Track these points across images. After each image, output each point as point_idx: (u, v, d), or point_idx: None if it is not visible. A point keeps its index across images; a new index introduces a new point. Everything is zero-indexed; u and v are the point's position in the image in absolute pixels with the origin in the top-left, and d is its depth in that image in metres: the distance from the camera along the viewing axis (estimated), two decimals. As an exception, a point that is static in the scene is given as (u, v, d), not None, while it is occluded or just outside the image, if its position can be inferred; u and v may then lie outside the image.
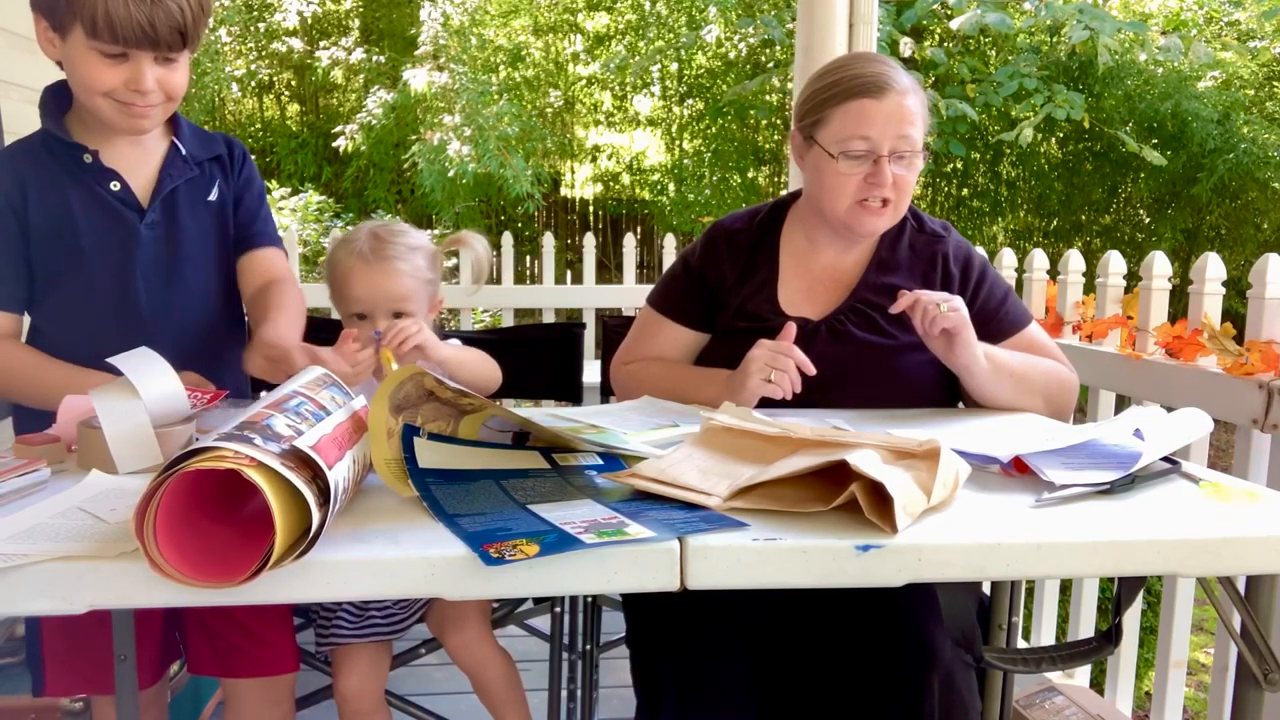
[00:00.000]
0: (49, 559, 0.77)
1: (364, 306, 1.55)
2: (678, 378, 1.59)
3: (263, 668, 1.45)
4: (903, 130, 1.46)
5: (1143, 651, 2.51)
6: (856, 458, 0.90)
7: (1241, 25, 8.37)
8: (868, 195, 1.49)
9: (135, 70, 1.30)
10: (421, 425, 1.00)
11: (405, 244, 1.58)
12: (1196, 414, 1.22)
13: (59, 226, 1.39)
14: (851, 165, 1.48)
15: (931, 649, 1.27)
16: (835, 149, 1.48)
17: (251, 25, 8.82)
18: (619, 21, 9.15)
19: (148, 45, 1.29)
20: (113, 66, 1.30)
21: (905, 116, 1.46)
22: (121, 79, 1.31)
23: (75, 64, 1.31)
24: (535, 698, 1.63)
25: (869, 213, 1.51)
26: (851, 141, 1.47)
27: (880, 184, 1.47)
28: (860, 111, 1.46)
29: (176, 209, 1.47)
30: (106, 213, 1.41)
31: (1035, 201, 8.19)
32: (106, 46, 1.28)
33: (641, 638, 1.42)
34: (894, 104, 1.46)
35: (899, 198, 1.50)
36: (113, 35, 1.26)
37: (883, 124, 1.45)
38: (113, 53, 1.29)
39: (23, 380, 1.39)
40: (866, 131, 1.46)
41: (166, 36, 1.29)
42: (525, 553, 0.79)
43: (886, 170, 1.46)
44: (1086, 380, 2.19)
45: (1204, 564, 0.90)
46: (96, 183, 1.41)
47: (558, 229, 9.15)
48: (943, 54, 6.88)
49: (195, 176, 1.49)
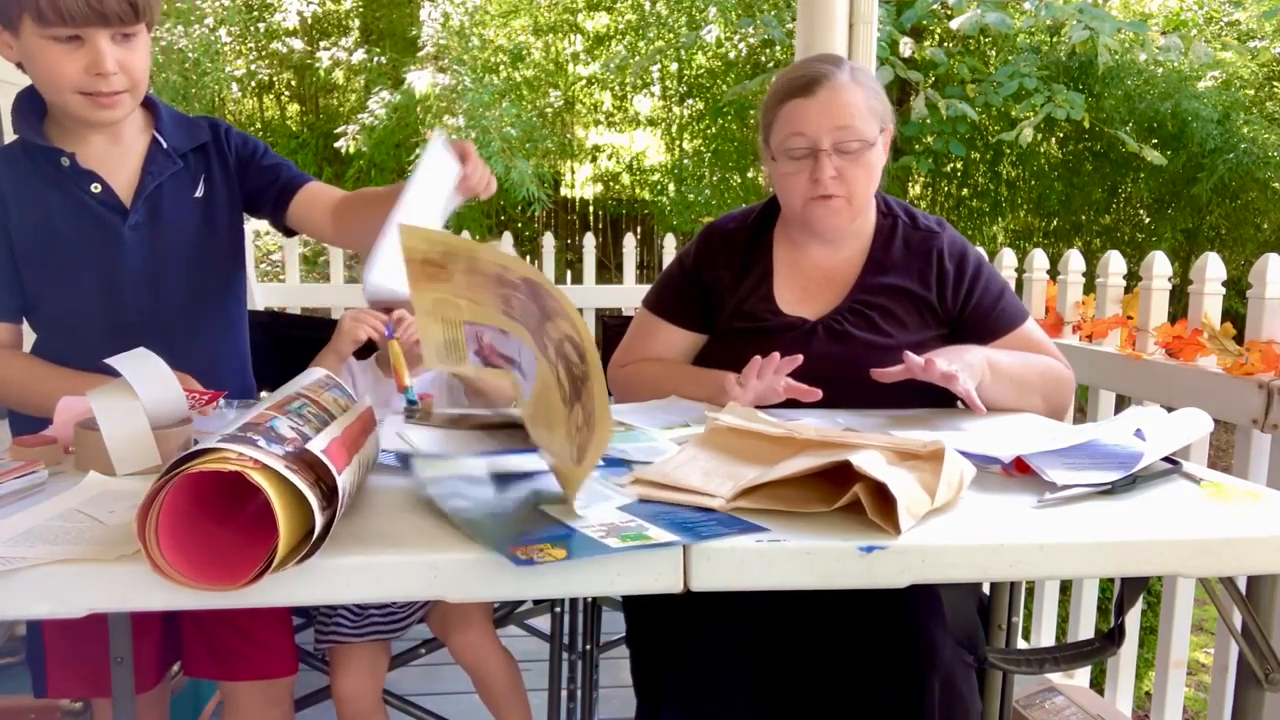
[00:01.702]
0: (47, 562, 0.77)
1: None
2: (676, 378, 1.59)
3: (260, 670, 1.44)
4: (839, 122, 1.47)
5: (1143, 651, 2.51)
6: (860, 458, 0.89)
7: (1241, 25, 8.37)
8: (815, 192, 1.50)
9: (93, 53, 1.27)
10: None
11: None
12: (1196, 414, 1.22)
13: (41, 234, 1.37)
14: (794, 165, 1.50)
15: (932, 649, 1.27)
16: (778, 151, 1.51)
17: (251, 25, 8.81)
18: (619, 21, 9.14)
19: (98, 21, 1.25)
20: (70, 53, 1.27)
21: (839, 109, 1.47)
22: (81, 65, 1.27)
23: (34, 59, 1.28)
24: (535, 698, 1.63)
25: (821, 207, 1.51)
26: (789, 140, 1.49)
27: (820, 178, 1.48)
28: (794, 111, 1.49)
29: (161, 208, 1.43)
30: (88, 217, 1.38)
31: (1035, 201, 8.18)
32: (58, 31, 1.25)
33: (641, 638, 1.42)
34: (825, 99, 1.47)
35: (851, 191, 1.50)
36: (60, 17, 1.23)
37: (815, 119, 1.47)
38: (65, 36, 1.25)
39: (20, 389, 1.38)
40: (801, 129, 1.48)
41: (116, 8, 1.26)
42: (554, 556, 0.79)
43: (825, 164, 1.47)
44: (1086, 380, 2.19)
45: (1205, 564, 0.90)
46: (76, 186, 1.38)
47: (558, 229, 9.14)
48: (943, 54, 6.87)
49: (179, 171, 1.45)
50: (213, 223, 1.48)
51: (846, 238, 1.60)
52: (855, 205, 1.53)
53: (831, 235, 1.58)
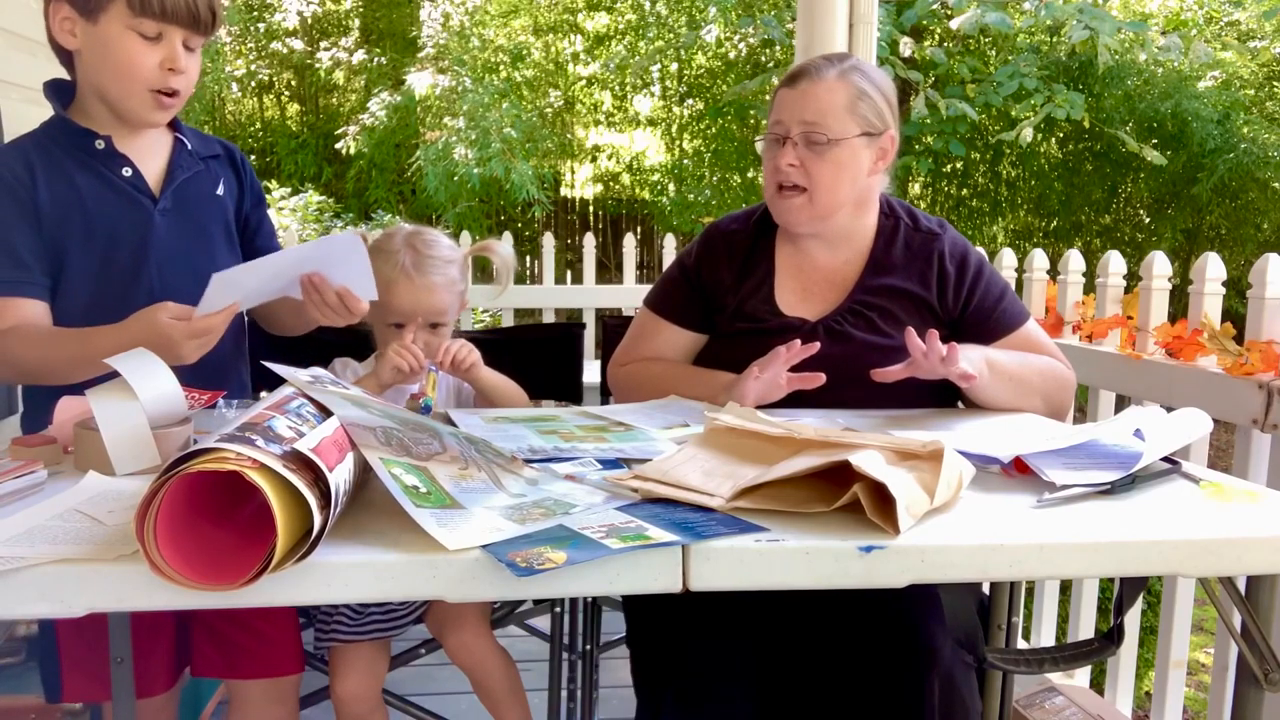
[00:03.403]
0: (47, 561, 0.77)
1: (404, 318, 1.61)
2: (676, 378, 1.59)
3: (268, 668, 1.45)
4: (808, 115, 1.49)
5: (1143, 651, 2.51)
6: (859, 458, 0.89)
7: (1241, 25, 8.37)
8: (778, 180, 1.52)
9: (169, 49, 1.33)
10: None
11: (443, 258, 1.64)
12: (1196, 414, 1.22)
13: (69, 211, 1.39)
14: (768, 153, 1.54)
15: (932, 649, 1.26)
16: (763, 138, 1.56)
17: (251, 25, 8.81)
18: (619, 21, 9.14)
19: (187, 23, 1.33)
20: (149, 48, 1.32)
21: (812, 101, 1.49)
22: (157, 60, 1.33)
23: (110, 47, 1.32)
24: (535, 698, 1.63)
25: (783, 200, 1.53)
26: (770, 128, 1.54)
27: (778, 164, 1.50)
28: (777, 100, 1.54)
29: (187, 199, 1.48)
30: (120, 197, 1.42)
31: (1035, 201, 8.18)
32: (149, 24, 1.30)
33: (642, 638, 1.42)
34: (803, 90, 1.50)
35: (814, 186, 1.51)
36: (160, 11, 1.29)
37: (790, 108, 1.50)
38: (152, 33, 1.31)
39: (38, 363, 1.34)
40: (779, 116, 1.52)
41: (205, 15, 1.34)
42: (554, 561, 0.78)
43: (788, 151, 1.50)
44: (1086, 380, 2.19)
45: (1205, 564, 0.90)
46: (107, 168, 1.41)
47: (558, 229, 9.14)
48: (943, 54, 6.86)
49: (201, 171, 1.51)
50: (227, 222, 1.55)
51: (847, 237, 1.60)
52: (817, 204, 1.52)
53: (792, 229, 1.59)
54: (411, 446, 0.94)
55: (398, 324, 1.60)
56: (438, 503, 0.87)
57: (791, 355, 1.40)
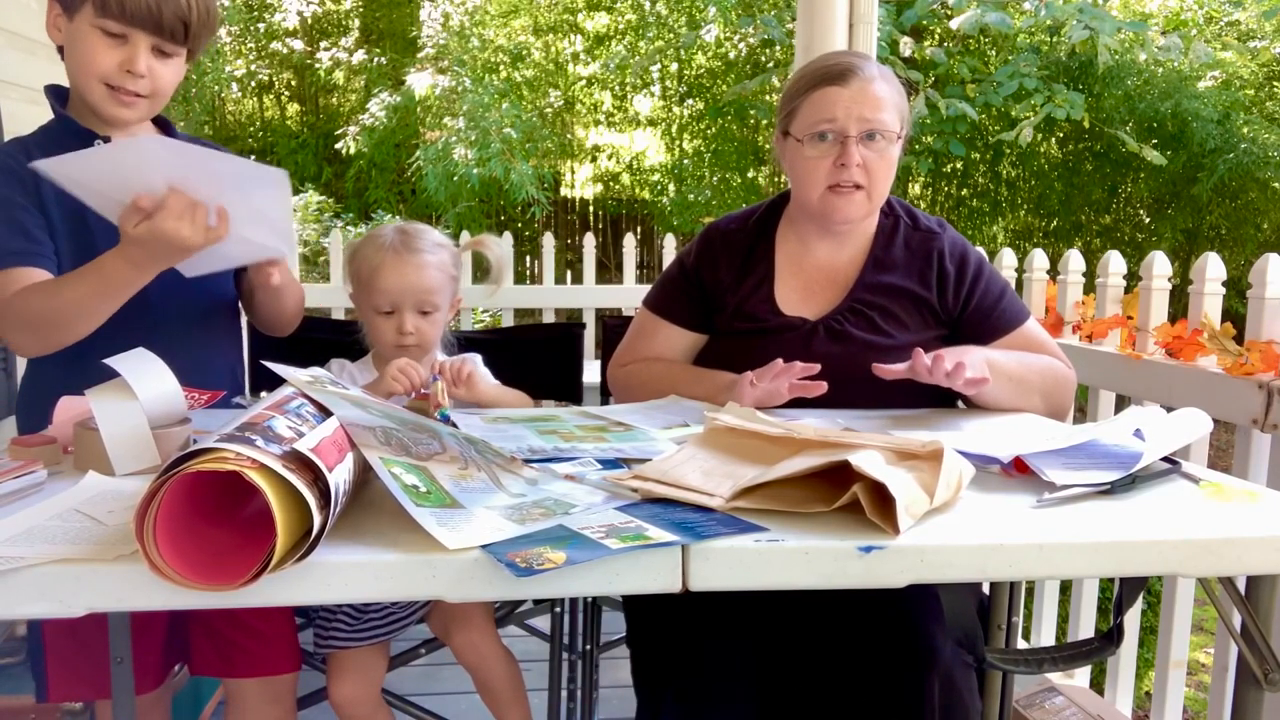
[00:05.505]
0: (46, 561, 0.77)
1: (392, 299, 1.57)
2: (676, 378, 1.59)
3: (265, 667, 1.45)
4: (868, 112, 1.47)
5: (1143, 651, 2.51)
6: (859, 458, 0.89)
7: (1241, 25, 8.37)
8: (839, 179, 1.50)
9: (131, 52, 1.34)
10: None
11: (431, 240, 1.62)
12: (1196, 414, 1.22)
13: (69, 207, 1.38)
14: (820, 149, 1.50)
15: (932, 649, 1.27)
16: (804, 135, 1.51)
17: (251, 25, 8.81)
18: (619, 21, 9.14)
19: (151, 28, 1.33)
20: (111, 47, 1.34)
21: (870, 99, 1.48)
22: (116, 60, 1.34)
23: (76, 43, 1.34)
24: (535, 698, 1.63)
25: (841, 197, 1.51)
26: (818, 126, 1.49)
27: (847, 163, 1.48)
28: (824, 97, 1.49)
29: None
30: None
31: (1035, 201, 8.18)
32: (112, 24, 1.32)
33: (642, 638, 1.42)
34: (858, 88, 1.48)
35: (871, 183, 1.50)
36: (120, 12, 1.31)
37: (846, 106, 1.47)
38: (115, 32, 1.32)
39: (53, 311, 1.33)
40: (832, 114, 1.48)
41: (170, 23, 1.34)
42: (553, 561, 0.78)
43: (853, 150, 1.47)
44: (1086, 380, 2.19)
45: (1205, 564, 0.90)
46: None
47: (558, 229, 9.14)
48: (943, 54, 6.87)
49: None
50: None
51: (850, 235, 1.60)
52: (873, 200, 1.53)
53: (846, 228, 1.58)
54: (411, 446, 0.94)
55: (387, 311, 1.57)
56: (438, 502, 0.87)
57: (793, 373, 1.39)
